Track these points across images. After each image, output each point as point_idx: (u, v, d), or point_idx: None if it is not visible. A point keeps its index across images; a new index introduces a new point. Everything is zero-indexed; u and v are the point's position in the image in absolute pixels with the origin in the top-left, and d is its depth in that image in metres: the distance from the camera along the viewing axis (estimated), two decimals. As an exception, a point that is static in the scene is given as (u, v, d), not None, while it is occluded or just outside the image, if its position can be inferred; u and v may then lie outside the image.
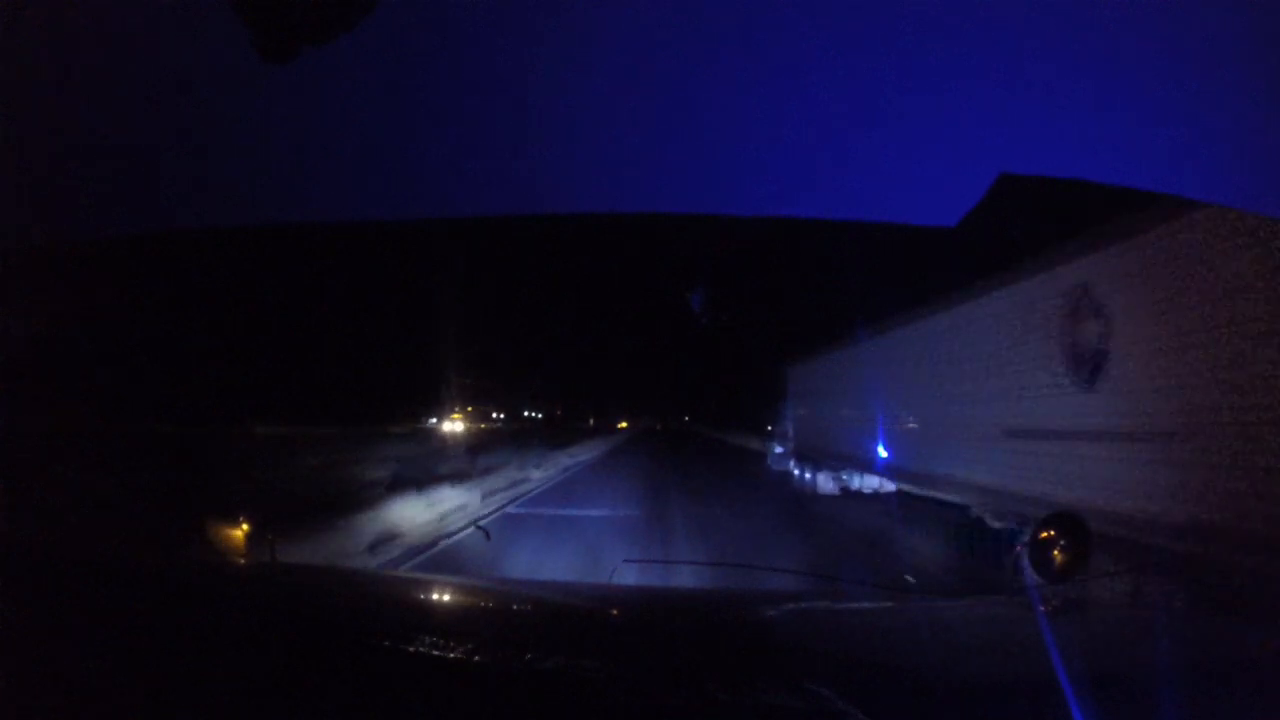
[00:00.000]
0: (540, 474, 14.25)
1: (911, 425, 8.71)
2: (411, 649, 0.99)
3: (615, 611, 1.42)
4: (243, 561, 1.51)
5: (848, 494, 10.96)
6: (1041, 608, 1.24)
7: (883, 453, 14.26)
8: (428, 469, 10.26)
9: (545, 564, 5.90)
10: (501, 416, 50.48)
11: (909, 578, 5.29)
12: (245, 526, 1.51)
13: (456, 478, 9.47)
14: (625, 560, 1.95)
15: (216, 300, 21.96)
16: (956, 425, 6.57)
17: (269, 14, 1.19)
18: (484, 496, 9.60)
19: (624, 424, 71.38)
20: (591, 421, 68.46)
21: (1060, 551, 1.38)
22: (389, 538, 6.34)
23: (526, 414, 56.58)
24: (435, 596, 1.53)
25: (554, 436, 25.82)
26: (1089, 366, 4.49)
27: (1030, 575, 1.36)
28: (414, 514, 7.21)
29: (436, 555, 6.29)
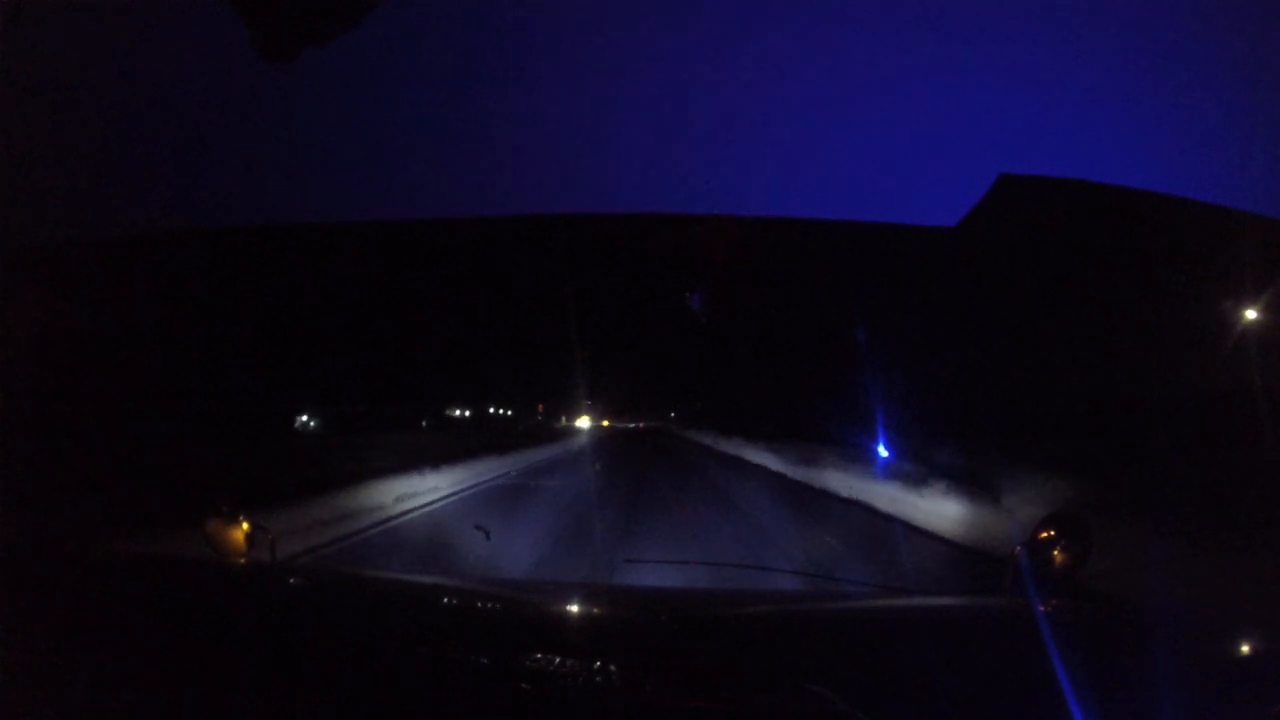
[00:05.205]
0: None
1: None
2: (411, 649, 0.99)
3: (615, 611, 1.42)
4: (242, 561, 1.50)
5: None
6: (1041, 608, 1.24)
7: (883, 452, 14.28)
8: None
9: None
10: (466, 414, 48.00)
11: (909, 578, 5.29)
12: (245, 526, 1.50)
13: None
14: (626, 560, 1.95)
15: (215, 300, 21.92)
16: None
17: (269, 14, 1.19)
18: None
19: (584, 420, 61.74)
20: (564, 420, 67.11)
21: (1060, 551, 1.38)
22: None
23: (491, 410, 54.29)
24: (434, 597, 1.53)
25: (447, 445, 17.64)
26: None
27: (1030, 575, 1.35)
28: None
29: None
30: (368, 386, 30.13)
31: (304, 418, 27.33)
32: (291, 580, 1.65)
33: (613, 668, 0.89)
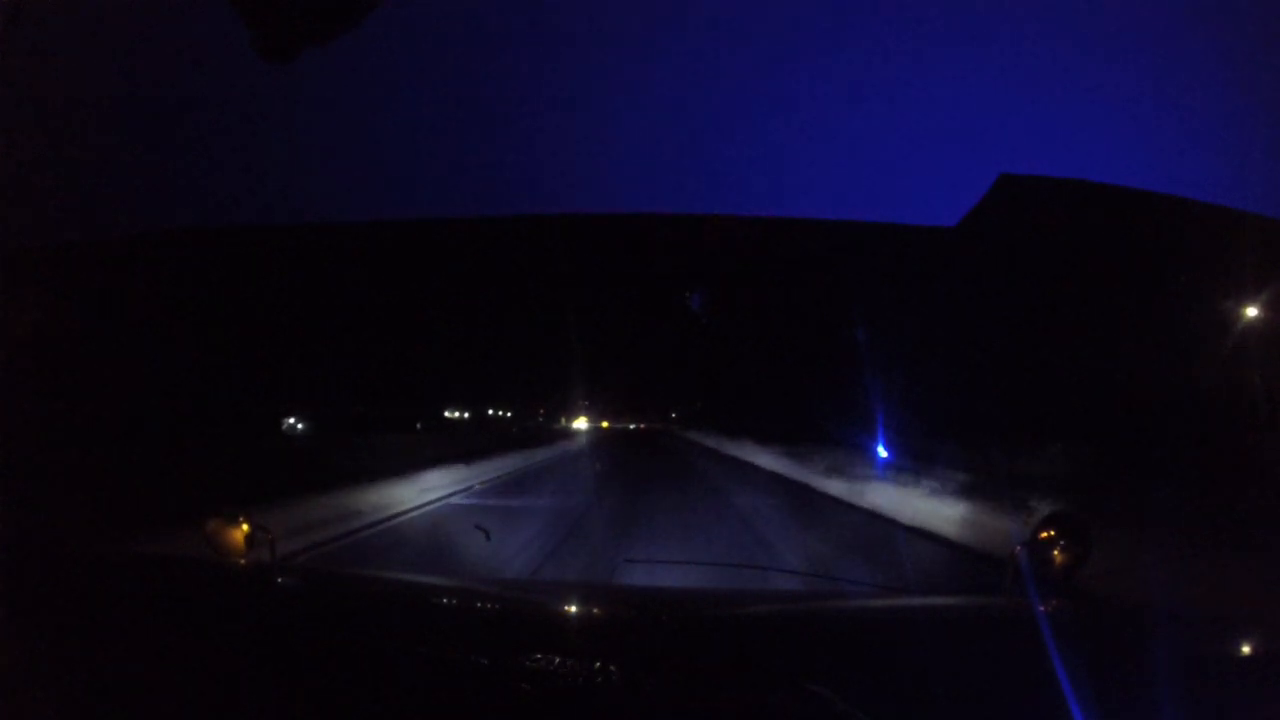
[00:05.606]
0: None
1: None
2: (411, 649, 0.99)
3: (615, 611, 1.42)
4: (242, 562, 1.50)
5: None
6: (1041, 608, 1.24)
7: (883, 453, 14.24)
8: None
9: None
10: (464, 415, 46.84)
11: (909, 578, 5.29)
12: (245, 526, 1.50)
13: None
14: (626, 559, 1.95)
15: (212, 300, 21.92)
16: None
17: (269, 14, 1.19)
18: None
19: (582, 421, 63.80)
20: (564, 421, 67.41)
21: (1060, 551, 1.38)
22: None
23: (490, 412, 53.94)
24: (434, 597, 1.53)
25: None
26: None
27: (1030, 575, 1.35)
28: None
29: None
30: (367, 388, 30.00)
31: (291, 420, 25.19)
32: (291, 580, 1.65)
33: (613, 668, 0.89)
